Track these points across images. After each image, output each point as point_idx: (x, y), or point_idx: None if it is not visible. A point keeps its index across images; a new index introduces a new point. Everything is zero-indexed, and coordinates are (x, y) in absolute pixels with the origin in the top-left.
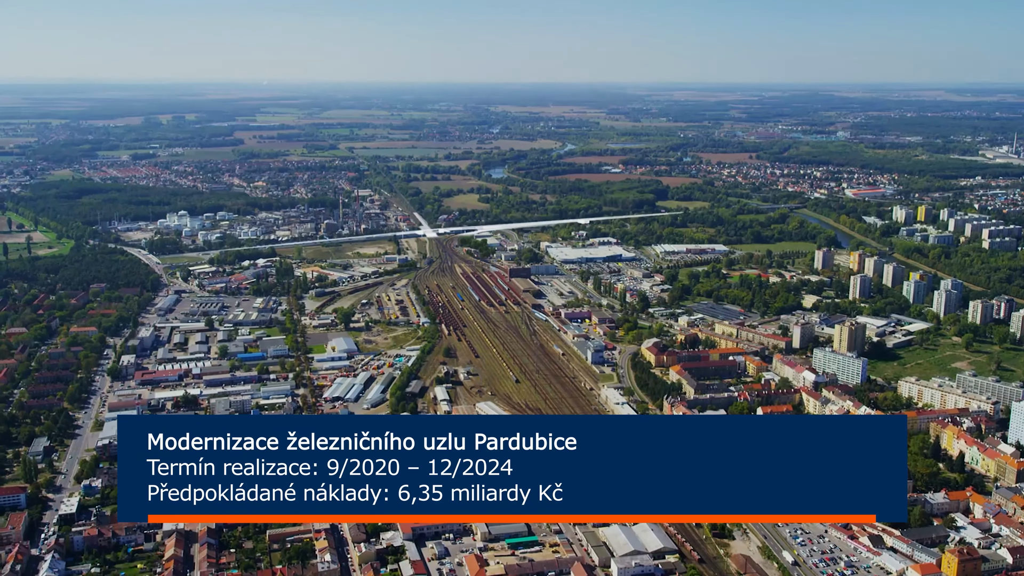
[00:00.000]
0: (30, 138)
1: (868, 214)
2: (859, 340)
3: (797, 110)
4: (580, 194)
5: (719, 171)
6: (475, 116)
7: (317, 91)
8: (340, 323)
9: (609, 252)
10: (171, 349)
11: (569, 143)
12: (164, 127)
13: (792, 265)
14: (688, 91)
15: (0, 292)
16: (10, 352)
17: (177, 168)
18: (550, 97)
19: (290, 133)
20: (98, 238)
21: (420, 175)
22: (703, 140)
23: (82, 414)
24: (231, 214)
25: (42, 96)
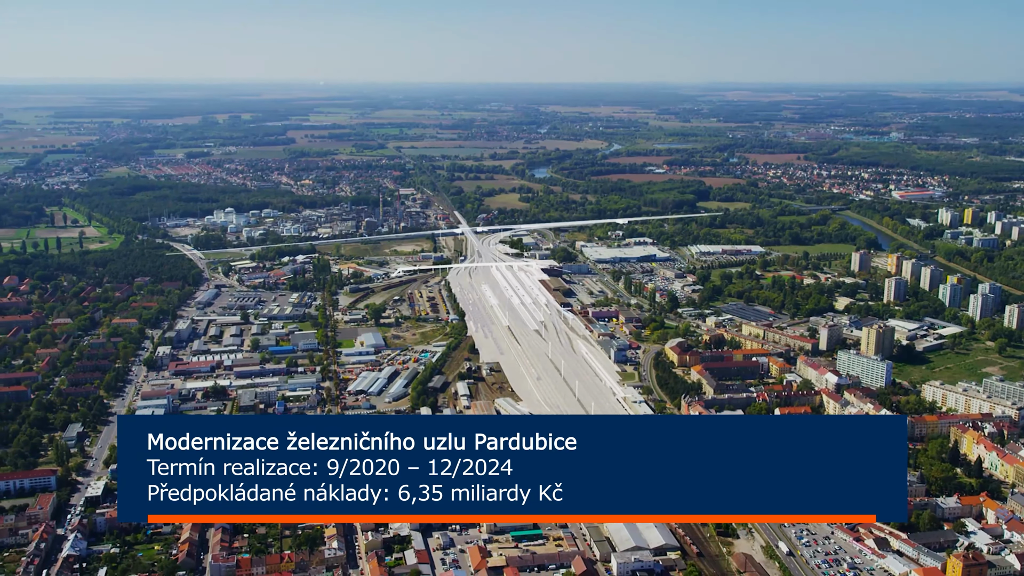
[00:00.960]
0: (92, 137)
1: (913, 216)
2: (887, 343)
3: (852, 111)
4: (620, 194)
5: (764, 172)
6: (525, 116)
7: (371, 91)
8: (370, 319)
9: (644, 252)
10: (206, 341)
11: (615, 143)
12: (220, 126)
13: (828, 267)
14: (742, 91)
15: (50, 284)
16: (54, 342)
17: (228, 166)
18: (601, 97)
19: (341, 132)
20: (147, 233)
21: (464, 174)
22: (751, 141)
23: (116, 402)
24: (276, 211)
25: (107, 96)
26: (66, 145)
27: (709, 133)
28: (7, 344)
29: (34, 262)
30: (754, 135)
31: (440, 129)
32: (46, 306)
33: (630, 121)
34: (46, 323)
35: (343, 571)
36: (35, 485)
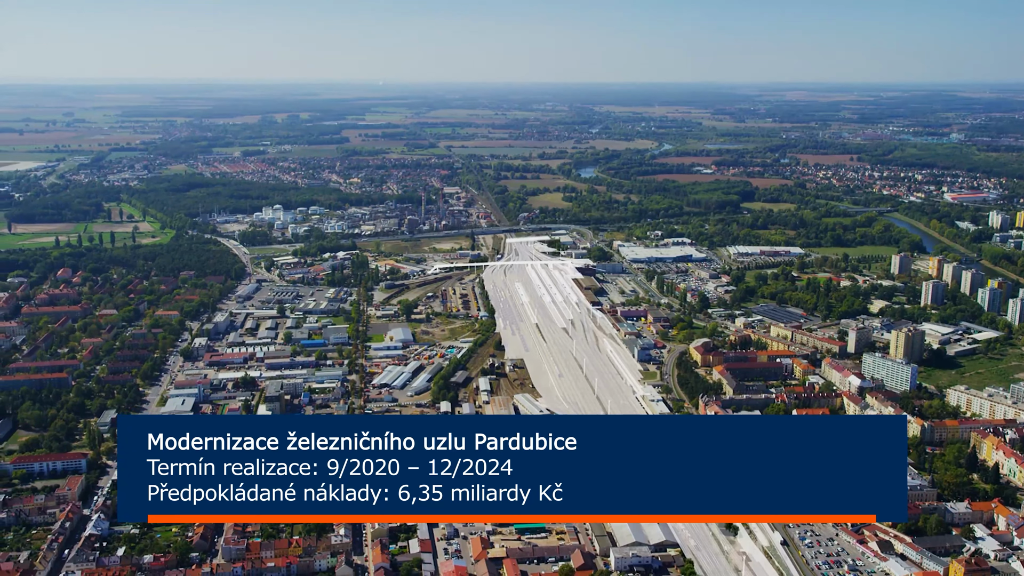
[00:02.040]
0: (155, 135)
1: (962, 219)
2: (916, 347)
3: (914, 111)
4: (664, 194)
5: (814, 173)
6: (578, 116)
7: (429, 91)
8: (402, 314)
9: (680, 252)
10: (242, 334)
11: (666, 143)
12: (278, 125)
13: (868, 270)
14: (802, 91)
15: (101, 277)
16: (99, 332)
17: (282, 164)
18: (657, 97)
19: (394, 132)
20: (197, 229)
21: (510, 173)
22: (805, 141)
23: (151, 390)
24: (323, 208)
25: (172, 96)
26: (130, 143)
27: (763, 134)
28: (54, 333)
29: (88, 255)
30: (808, 136)
31: (492, 129)
32: (95, 298)
33: (683, 121)
34: (93, 314)
35: (347, 557)
36: (67, 467)
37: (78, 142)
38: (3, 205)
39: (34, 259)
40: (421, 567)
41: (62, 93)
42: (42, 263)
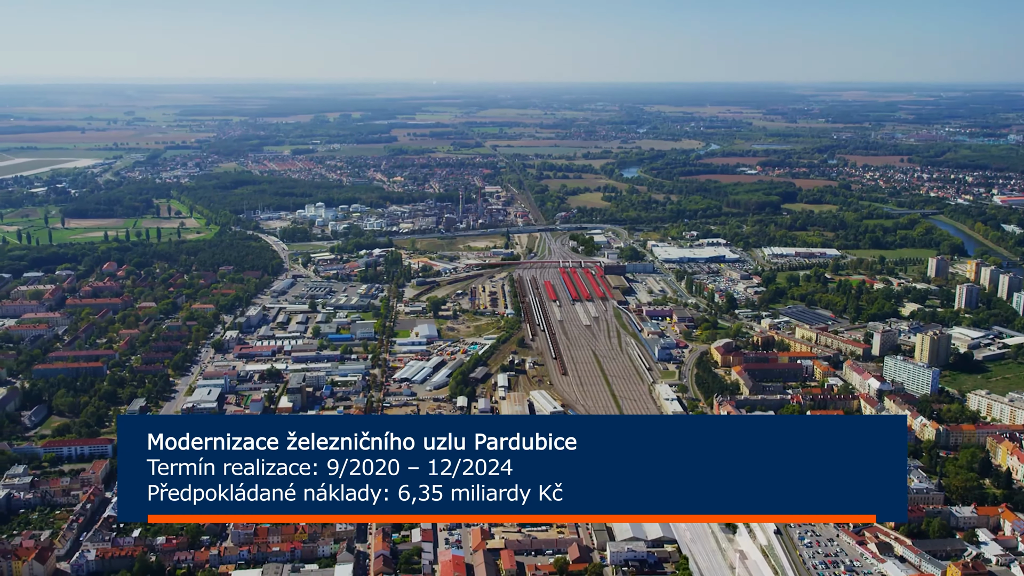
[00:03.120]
0: (210, 134)
1: (1009, 222)
2: (942, 350)
3: (973, 111)
4: (704, 195)
5: (861, 174)
6: (627, 116)
7: (481, 91)
8: (430, 311)
9: (713, 253)
10: (273, 327)
11: (713, 143)
12: (329, 124)
13: (904, 272)
14: (859, 91)
15: (143, 271)
16: (137, 324)
17: (329, 163)
18: (708, 97)
19: (442, 131)
20: (240, 225)
21: (552, 173)
22: (855, 142)
23: (181, 380)
24: (364, 206)
25: (229, 95)
26: (185, 141)
27: (813, 134)
28: (95, 324)
29: (133, 250)
30: (860, 136)
31: (540, 128)
32: (136, 291)
33: (733, 121)
34: (133, 306)
35: (350, 544)
36: (93, 452)
37: (136, 140)
38: (59, 201)
39: (83, 253)
40: (420, 556)
41: (125, 92)
42: (90, 257)
